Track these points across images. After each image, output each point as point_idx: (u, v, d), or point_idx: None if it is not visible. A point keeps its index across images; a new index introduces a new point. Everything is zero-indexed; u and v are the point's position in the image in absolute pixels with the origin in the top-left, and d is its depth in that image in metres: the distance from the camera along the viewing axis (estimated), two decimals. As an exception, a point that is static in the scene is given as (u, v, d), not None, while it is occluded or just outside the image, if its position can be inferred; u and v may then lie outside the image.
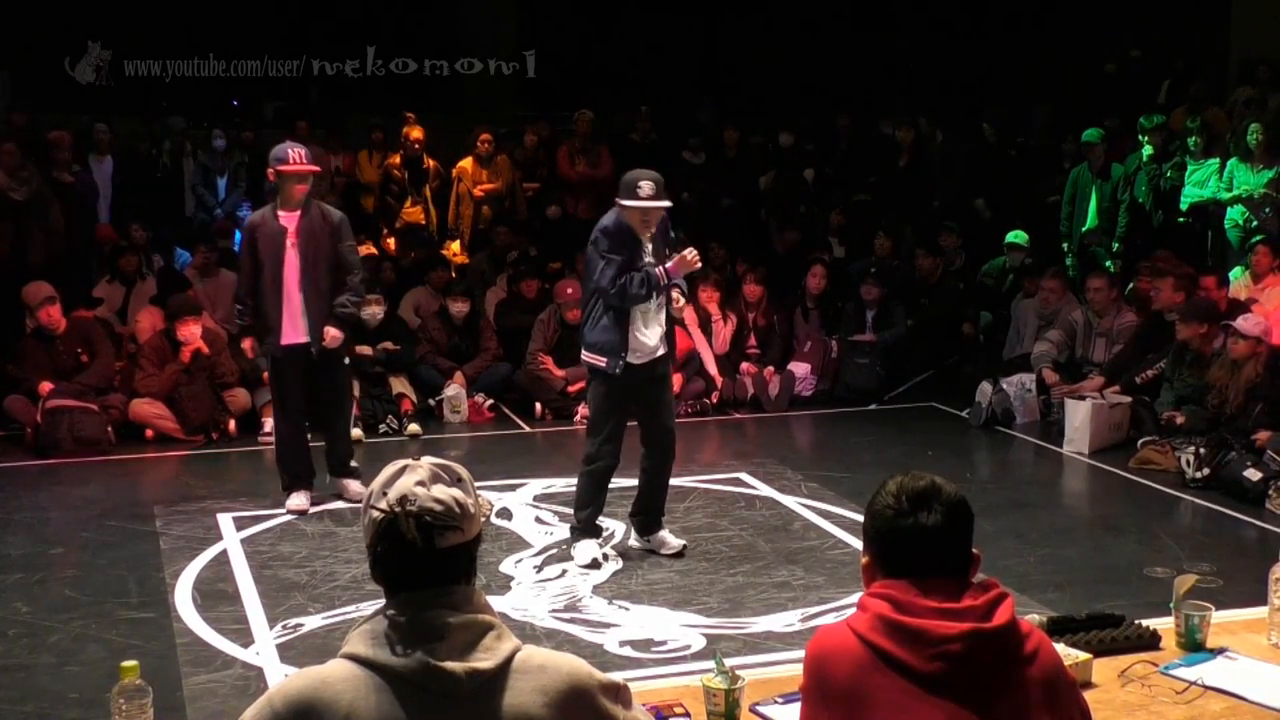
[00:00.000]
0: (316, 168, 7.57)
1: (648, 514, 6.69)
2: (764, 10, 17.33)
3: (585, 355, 6.48)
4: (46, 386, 8.87)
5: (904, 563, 2.38)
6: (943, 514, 2.38)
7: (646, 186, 6.25)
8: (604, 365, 6.35)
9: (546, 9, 16.86)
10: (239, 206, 12.08)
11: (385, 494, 2.18)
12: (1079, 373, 9.66)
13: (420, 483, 2.17)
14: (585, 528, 6.57)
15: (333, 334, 7.29)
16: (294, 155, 7.17)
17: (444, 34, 15.99)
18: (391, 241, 12.17)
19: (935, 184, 12.60)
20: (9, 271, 10.14)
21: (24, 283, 9.40)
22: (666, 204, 6.35)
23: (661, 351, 6.47)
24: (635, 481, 6.68)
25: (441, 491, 2.16)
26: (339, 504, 7.49)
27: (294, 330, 7.27)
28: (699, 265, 6.50)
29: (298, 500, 7.39)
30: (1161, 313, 9.40)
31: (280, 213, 7.23)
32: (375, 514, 2.17)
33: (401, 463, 2.23)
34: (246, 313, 7.40)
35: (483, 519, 2.24)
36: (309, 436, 7.61)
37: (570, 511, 6.78)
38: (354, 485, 7.50)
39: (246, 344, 7.59)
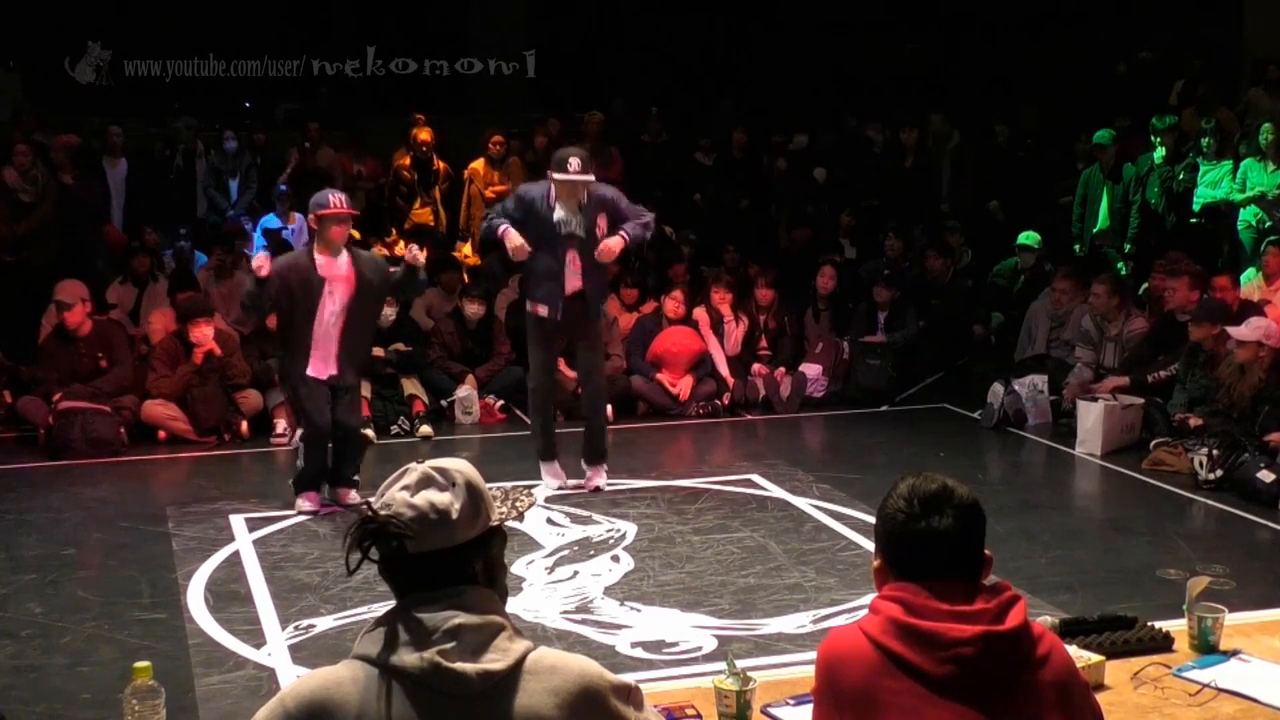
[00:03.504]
0: (354, 210, 7.73)
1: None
2: (771, 10, 17.32)
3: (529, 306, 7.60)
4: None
5: (915, 565, 2.38)
6: (954, 517, 2.37)
7: (574, 163, 7.17)
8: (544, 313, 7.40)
9: (555, 9, 16.85)
10: (250, 209, 12.10)
11: (381, 497, 2.18)
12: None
13: (405, 488, 2.16)
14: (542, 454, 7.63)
15: (416, 253, 7.52)
16: (334, 200, 7.28)
17: (446, 34, 15.98)
18: (401, 244, 12.17)
19: (942, 184, 12.57)
20: (16, 274, 10.17)
21: (30, 285, 9.40)
22: (589, 178, 7.24)
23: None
24: (647, 483, 6.71)
25: (422, 498, 2.15)
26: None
27: (323, 365, 7.34)
28: (518, 259, 7.42)
29: (308, 502, 7.40)
30: (1174, 314, 9.36)
31: (319, 258, 7.25)
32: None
33: (407, 466, 2.23)
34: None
35: (494, 520, 2.24)
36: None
37: (581, 515, 6.82)
38: (352, 494, 7.52)
39: (260, 265, 7.18)
